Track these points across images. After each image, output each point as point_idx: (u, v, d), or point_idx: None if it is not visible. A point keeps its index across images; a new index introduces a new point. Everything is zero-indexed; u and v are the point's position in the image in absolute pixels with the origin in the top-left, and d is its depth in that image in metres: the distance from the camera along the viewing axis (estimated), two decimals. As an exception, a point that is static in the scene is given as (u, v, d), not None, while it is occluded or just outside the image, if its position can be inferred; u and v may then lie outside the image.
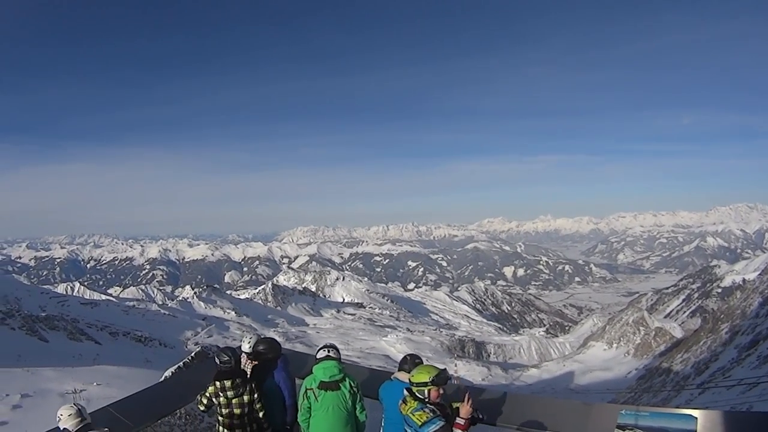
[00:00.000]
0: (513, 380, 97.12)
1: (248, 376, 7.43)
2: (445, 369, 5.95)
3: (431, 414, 5.52)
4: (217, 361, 7.20)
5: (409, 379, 5.95)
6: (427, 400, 5.71)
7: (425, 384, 5.71)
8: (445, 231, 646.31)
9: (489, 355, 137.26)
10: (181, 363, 45.38)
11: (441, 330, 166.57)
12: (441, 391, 5.78)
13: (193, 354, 48.87)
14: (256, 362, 7.70)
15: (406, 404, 5.86)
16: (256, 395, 7.16)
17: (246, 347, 7.76)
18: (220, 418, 7.20)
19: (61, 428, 5.78)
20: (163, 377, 41.69)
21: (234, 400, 7.08)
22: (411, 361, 7.01)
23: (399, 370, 7.17)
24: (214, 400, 7.16)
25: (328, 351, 7.31)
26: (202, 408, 7.28)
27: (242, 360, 7.75)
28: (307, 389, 6.99)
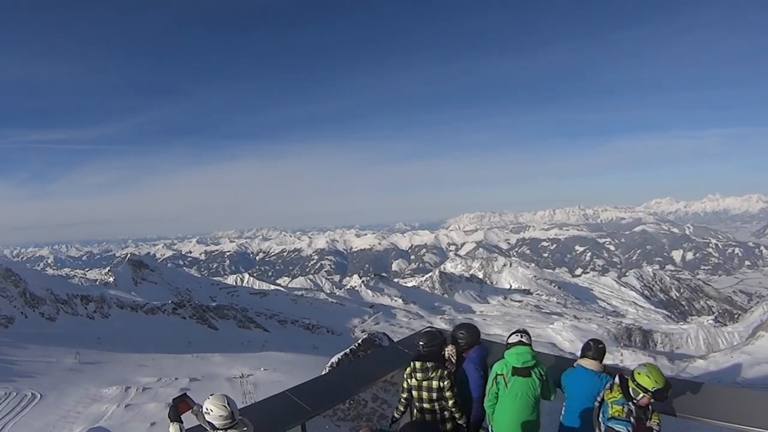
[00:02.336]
0: (679, 371, 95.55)
1: (446, 363, 7.79)
2: (668, 385, 6.18)
3: (627, 414, 5.90)
4: (416, 344, 7.71)
5: (633, 373, 6.23)
6: (635, 401, 6.11)
7: (646, 390, 6.05)
8: (612, 213, 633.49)
9: (656, 344, 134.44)
10: (348, 350, 53.80)
11: (608, 317, 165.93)
12: (652, 401, 6.14)
13: (360, 341, 57.04)
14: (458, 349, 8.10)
15: (611, 391, 6.28)
16: (446, 383, 7.38)
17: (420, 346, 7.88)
18: (412, 401, 7.73)
19: (208, 421, 5.79)
20: (329, 363, 50.14)
21: (424, 383, 7.44)
22: (595, 347, 7.44)
23: (582, 357, 7.56)
24: (408, 381, 7.68)
25: (521, 336, 7.49)
26: (405, 394, 7.82)
27: (449, 348, 8.01)
28: (497, 374, 7.28)
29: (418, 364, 7.51)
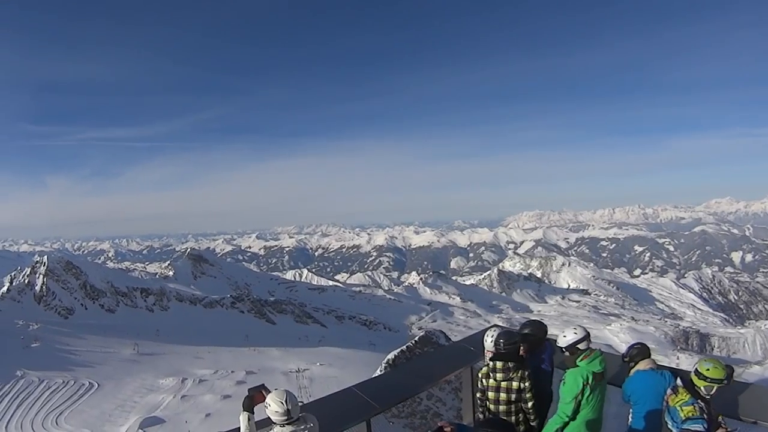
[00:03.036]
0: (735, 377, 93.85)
1: (525, 363, 7.61)
2: (732, 369, 6.14)
3: (699, 412, 5.79)
4: (496, 343, 7.54)
5: (697, 371, 6.11)
6: (707, 396, 6.04)
7: (719, 381, 5.96)
8: (671, 213, 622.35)
9: (712, 348, 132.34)
10: (404, 347, 53.77)
11: (665, 320, 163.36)
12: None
13: (416, 338, 57.06)
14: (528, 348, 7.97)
15: (676, 395, 6.15)
16: (527, 384, 7.29)
17: (489, 344, 7.91)
18: (486, 402, 7.56)
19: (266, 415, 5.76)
20: (386, 360, 50.27)
21: (503, 384, 7.33)
22: (640, 349, 7.55)
23: (632, 364, 7.61)
24: (484, 381, 7.54)
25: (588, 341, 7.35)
26: (478, 394, 7.77)
27: (522, 348, 7.82)
28: (584, 384, 7.10)
29: (498, 364, 7.37)
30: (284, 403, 5.54)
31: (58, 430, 65.32)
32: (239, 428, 5.98)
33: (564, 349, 7.21)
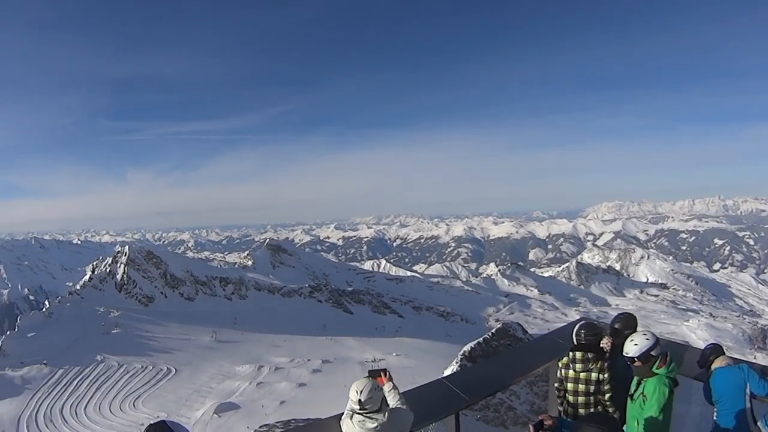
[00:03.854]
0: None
1: (606, 355, 7.60)
2: None
3: None
4: (577, 333, 7.56)
5: None
6: None
7: None
8: (752, 205, 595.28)
9: None
10: (481, 339, 53.51)
11: (744, 317, 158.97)
12: None
13: (493, 330, 56.63)
14: (615, 341, 7.80)
15: None
16: (606, 375, 7.24)
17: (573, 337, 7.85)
18: (564, 393, 7.61)
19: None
20: (462, 352, 50.09)
21: (582, 375, 7.33)
22: (714, 349, 7.36)
23: (707, 363, 7.43)
24: (563, 371, 7.59)
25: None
26: (556, 383, 7.85)
27: (605, 340, 7.82)
28: (672, 388, 6.89)
29: (578, 355, 7.37)
30: (358, 392, 5.62)
31: (136, 413, 67.77)
32: (309, 419, 6.08)
33: (636, 359, 6.72)
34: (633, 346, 6.67)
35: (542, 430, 5.27)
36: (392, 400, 6.17)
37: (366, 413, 5.65)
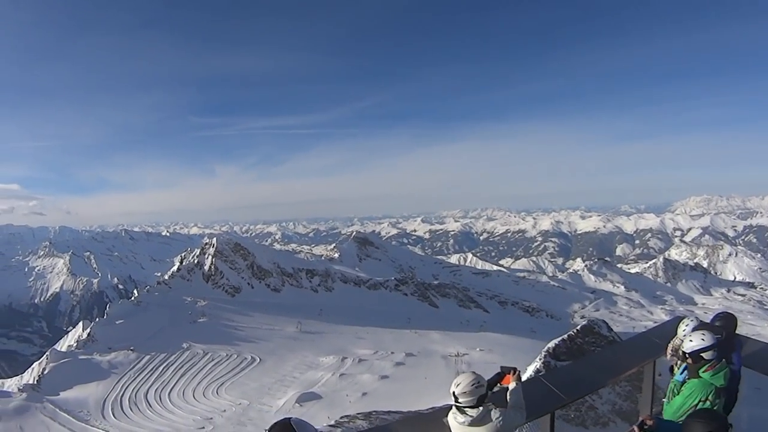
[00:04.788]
0: None
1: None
2: None
3: None
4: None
5: None
6: None
7: None
8: None
9: None
10: (566, 335, 51.95)
11: None
12: None
13: (578, 327, 54.87)
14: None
15: None
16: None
17: (681, 331, 7.74)
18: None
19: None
20: (546, 349, 48.63)
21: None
22: None
23: None
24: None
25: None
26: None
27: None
28: (707, 395, 6.65)
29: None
30: (456, 385, 5.80)
31: (218, 400, 68.83)
32: (390, 411, 5.76)
33: (687, 355, 6.78)
34: (688, 343, 6.76)
35: (643, 430, 5.46)
36: (510, 401, 6.14)
37: (460, 406, 5.77)
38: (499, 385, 6.60)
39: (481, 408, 5.68)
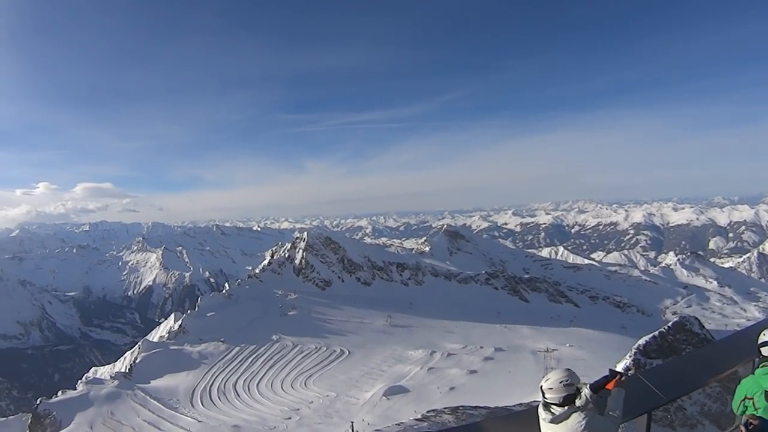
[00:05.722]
0: None
1: None
2: None
3: None
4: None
5: None
6: None
7: None
8: None
9: None
10: (657, 332, 50.10)
11: None
12: None
13: (669, 324, 52.89)
14: None
15: None
16: None
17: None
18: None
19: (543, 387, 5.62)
20: (636, 346, 46.98)
21: None
22: None
23: None
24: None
25: None
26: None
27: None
28: (745, 397, 6.15)
29: None
30: (545, 380, 5.62)
31: (306, 391, 69.55)
32: (478, 407, 5.21)
33: (758, 349, 6.42)
34: (762, 337, 6.41)
35: (749, 430, 5.19)
36: (607, 407, 5.74)
37: (547, 402, 5.59)
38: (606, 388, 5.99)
39: (565, 408, 5.45)
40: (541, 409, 5.59)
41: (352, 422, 47.30)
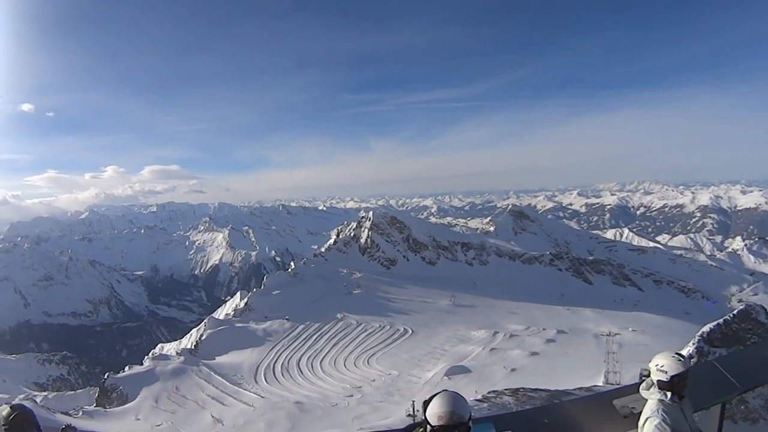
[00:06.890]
0: None
1: None
2: None
3: None
4: None
5: None
6: None
7: None
8: None
9: None
10: (721, 320, 49.13)
11: None
12: None
13: (734, 312, 51.70)
14: None
15: None
16: None
17: None
18: None
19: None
20: (699, 333, 46.12)
21: None
22: None
23: None
24: None
25: None
26: None
27: None
28: None
29: None
30: (654, 358, 5.52)
31: (369, 369, 70.42)
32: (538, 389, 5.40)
33: None
34: None
35: None
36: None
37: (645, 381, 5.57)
38: None
39: (650, 394, 5.46)
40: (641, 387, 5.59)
41: (413, 401, 47.73)
